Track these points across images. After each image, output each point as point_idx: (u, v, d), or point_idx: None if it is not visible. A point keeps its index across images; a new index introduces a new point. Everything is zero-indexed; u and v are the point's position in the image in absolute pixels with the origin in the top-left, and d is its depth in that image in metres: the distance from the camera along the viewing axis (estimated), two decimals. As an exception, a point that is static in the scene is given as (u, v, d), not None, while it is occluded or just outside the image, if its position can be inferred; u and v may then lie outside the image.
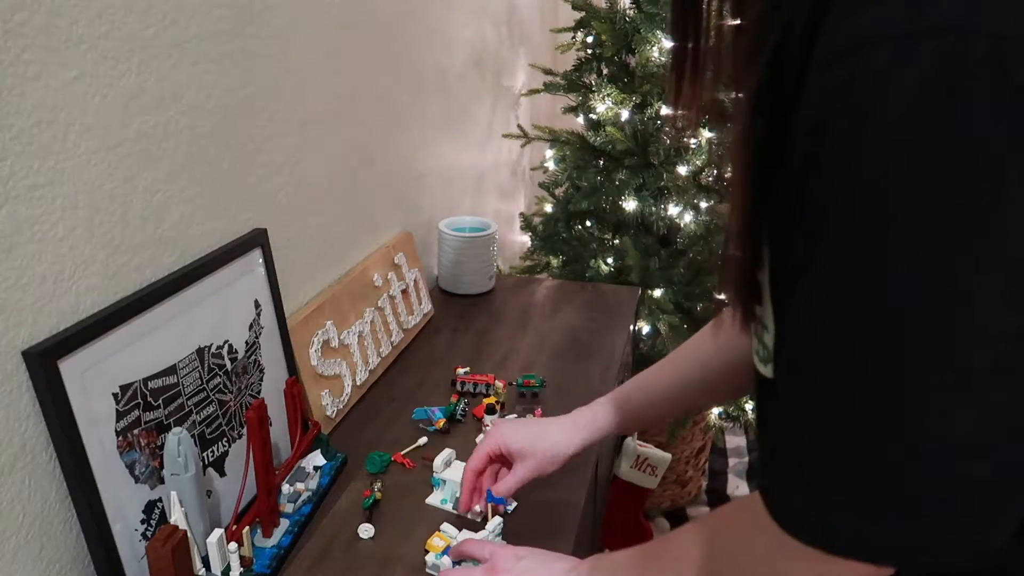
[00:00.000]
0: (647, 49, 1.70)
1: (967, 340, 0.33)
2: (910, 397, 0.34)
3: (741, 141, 0.43)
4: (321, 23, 1.08)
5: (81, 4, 0.68)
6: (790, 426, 0.40)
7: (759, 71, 0.40)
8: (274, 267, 0.98)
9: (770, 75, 0.39)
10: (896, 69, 0.32)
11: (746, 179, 0.44)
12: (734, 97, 0.46)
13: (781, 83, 0.38)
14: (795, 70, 0.37)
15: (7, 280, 0.64)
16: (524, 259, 2.11)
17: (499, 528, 0.84)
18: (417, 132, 1.50)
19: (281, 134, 1.01)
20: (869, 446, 0.36)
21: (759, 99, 0.41)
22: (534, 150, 2.35)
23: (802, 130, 0.36)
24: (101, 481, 0.70)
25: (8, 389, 0.65)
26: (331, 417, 1.07)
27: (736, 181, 0.45)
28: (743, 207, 0.45)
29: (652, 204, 1.74)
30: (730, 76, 0.47)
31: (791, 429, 0.40)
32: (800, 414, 0.39)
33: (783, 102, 0.38)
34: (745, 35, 0.44)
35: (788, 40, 0.38)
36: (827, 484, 0.37)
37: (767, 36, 0.39)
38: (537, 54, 2.45)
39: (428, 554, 0.81)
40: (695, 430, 1.99)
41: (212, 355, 0.86)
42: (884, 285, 0.34)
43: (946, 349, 0.33)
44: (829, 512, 0.37)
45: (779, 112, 0.39)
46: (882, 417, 0.35)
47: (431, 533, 0.85)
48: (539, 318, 1.43)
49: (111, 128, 0.73)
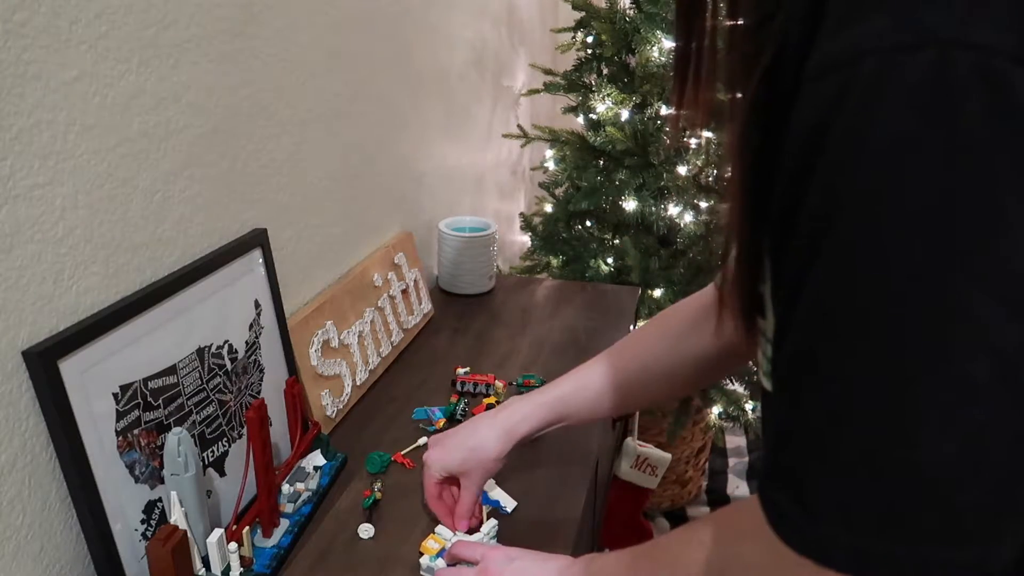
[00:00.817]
0: (647, 49, 1.70)
1: (968, 353, 0.33)
2: (910, 412, 0.34)
3: (737, 153, 0.43)
4: (321, 23, 1.08)
5: (81, 4, 0.68)
6: (789, 437, 0.40)
7: (754, 85, 0.40)
8: (274, 267, 0.98)
9: (766, 88, 0.39)
10: (887, 81, 0.32)
11: (744, 191, 0.44)
12: (729, 107, 0.45)
13: (776, 97, 0.38)
14: (789, 84, 0.37)
15: (7, 280, 0.64)
16: (524, 259, 2.11)
17: (494, 530, 0.84)
18: (417, 132, 1.50)
19: (281, 134, 1.01)
20: (868, 461, 0.35)
21: (754, 112, 0.41)
22: (534, 150, 2.35)
23: (796, 143, 0.36)
24: (101, 481, 0.70)
25: (8, 389, 0.65)
26: (331, 417, 1.07)
27: (734, 194, 0.44)
28: (742, 220, 0.44)
29: (652, 204, 1.74)
30: (727, 83, 0.46)
31: (790, 440, 0.39)
32: (798, 426, 0.39)
33: (779, 115, 0.38)
34: (738, 48, 0.44)
35: (783, 53, 0.38)
36: (826, 498, 0.37)
37: (762, 49, 0.39)
38: (537, 54, 2.46)
39: (423, 556, 0.81)
40: (695, 430, 1.99)
41: (212, 355, 0.86)
42: (882, 297, 0.34)
43: (947, 362, 0.33)
44: (826, 525, 0.37)
45: (775, 124, 0.39)
46: (881, 431, 0.35)
47: (431, 533, 0.85)
48: (539, 318, 1.43)
49: (111, 128, 0.73)
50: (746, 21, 0.42)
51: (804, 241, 0.37)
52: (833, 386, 0.36)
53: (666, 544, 0.58)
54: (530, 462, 1.00)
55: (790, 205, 0.37)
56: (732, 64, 0.45)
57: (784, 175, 0.38)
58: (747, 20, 0.42)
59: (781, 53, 0.38)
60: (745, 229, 0.45)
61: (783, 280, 0.41)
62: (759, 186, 0.42)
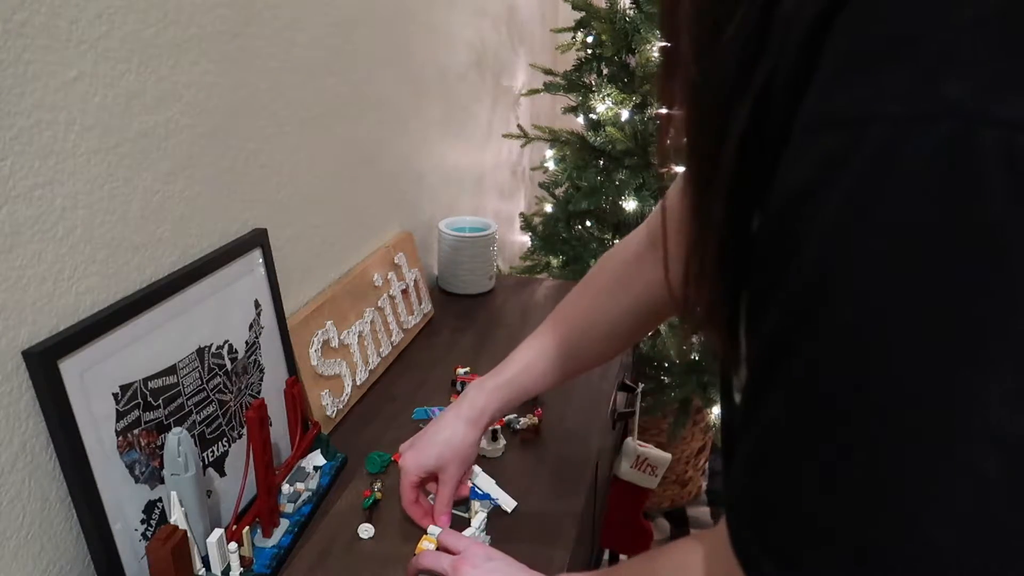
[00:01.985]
0: (647, 49, 1.70)
1: (975, 449, 0.30)
2: (910, 506, 0.31)
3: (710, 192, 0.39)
4: (321, 23, 1.08)
5: (81, 4, 0.68)
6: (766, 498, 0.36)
7: (738, 125, 0.36)
8: (274, 267, 0.98)
9: (751, 124, 0.36)
10: (898, 153, 0.28)
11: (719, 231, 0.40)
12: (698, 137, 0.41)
13: (760, 137, 0.35)
14: (778, 125, 0.34)
15: (7, 280, 0.64)
16: (524, 259, 2.11)
17: (483, 524, 0.85)
18: (417, 132, 1.50)
19: (281, 134, 1.01)
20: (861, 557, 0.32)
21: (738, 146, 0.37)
22: (534, 150, 2.35)
23: (781, 194, 0.33)
24: (101, 481, 0.70)
25: (8, 389, 0.65)
26: (331, 417, 1.07)
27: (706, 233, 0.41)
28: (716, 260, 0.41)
29: (652, 204, 1.74)
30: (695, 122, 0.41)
31: (771, 504, 0.36)
32: (782, 497, 0.35)
33: (762, 156, 0.35)
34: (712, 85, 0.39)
35: (770, 93, 0.35)
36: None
37: (743, 89, 0.36)
38: (537, 54, 2.46)
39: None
40: (695, 430, 1.99)
41: (212, 355, 0.86)
42: (881, 384, 0.30)
43: (950, 459, 0.30)
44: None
45: (756, 164, 0.35)
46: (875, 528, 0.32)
47: (424, 534, 0.85)
48: (539, 318, 1.42)
49: (111, 128, 0.73)
50: (722, 66, 0.38)
51: (782, 304, 0.33)
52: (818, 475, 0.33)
53: (626, 570, 0.59)
54: (530, 462, 1.00)
55: (766, 256, 0.35)
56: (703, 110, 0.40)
57: (764, 238, 0.35)
58: (723, 64, 0.37)
59: (764, 100, 0.35)
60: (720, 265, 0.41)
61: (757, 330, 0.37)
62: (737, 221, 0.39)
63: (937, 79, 0.28)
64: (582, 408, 1.13)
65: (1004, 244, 0.28)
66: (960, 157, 0.28)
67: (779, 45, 0.34)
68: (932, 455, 0.30)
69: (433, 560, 0.73)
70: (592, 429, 1.08)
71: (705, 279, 0.42)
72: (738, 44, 0.36)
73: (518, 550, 0.74)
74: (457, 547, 0.75)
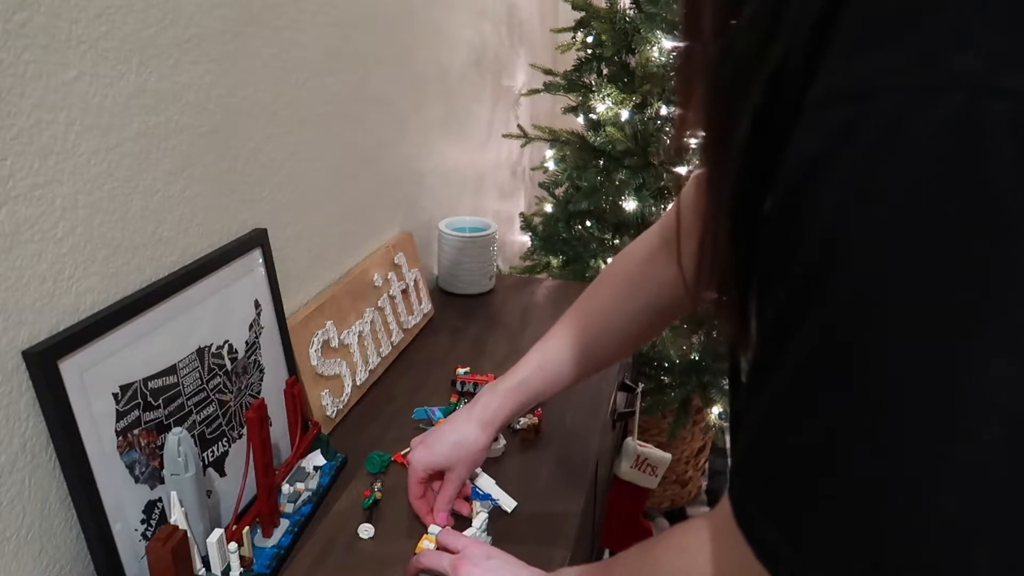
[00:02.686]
0: (647, 49, 1.70)
1: (979, 424, 0.30)
2: (910, 477, 0.31)
3: (725, 168, 0.40)
4: (321, 23, 1.08)
5: (81, 4, 0.68)
6: (771, 467, 0.37)
7: (752, 100, 0.37)
8: (274, 267, 0.98)
9: (764, 104, 0.36)
10: (907, 123, 0.29)
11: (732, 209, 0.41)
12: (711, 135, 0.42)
13: (773, 115, 0.36)
14: (790, 103, 0.34)
15: (7, 280, 0.64)
16: (524, 259, 2.11)
17: (485, 524, 0.85)
18: (417, 132, 1.50)
19: (281, 134, 1.01)
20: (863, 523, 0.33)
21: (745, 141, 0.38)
22: (534, 150, 2.35)
23: (791, 167, 0.34)
24: (101, 481, 0.70)
25: (8, 389, 0.65)
26: (331, 417, 1.07)
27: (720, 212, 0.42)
28: (729, 239, 0.42)
29: (652, 204, 1.74)
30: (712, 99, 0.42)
31: (774, 474, 0.37)
32: (786, 468, 0.36)
33: (775, 134, 0.35)
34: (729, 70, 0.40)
35: (784, 70, 0.35)
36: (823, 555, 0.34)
37: (756, 72, 0.36)
38: (537, 54, 2.46)
39: None
40: (695, 430, 1.99)
41: (212, 355, 0.86)
42: (885, 353, 0.31)
43: (951, 433, 0.30)
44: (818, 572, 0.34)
45: (769, 142, 0.36)
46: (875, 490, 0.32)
47: (424, 534, 0.85)
48: (539, 318, 1.43)
49: (111, 128, 0.73)
50: (740, 41, 0.39)
51: (790, 275, 0.34)
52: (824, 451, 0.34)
53: (622, 561, 0.59)
54: (530, 462, 1.00)
55: (777, 230, 0.35)
56: (720, 84, 0.41)
57: (773, 216, 0.36)
58: (741, 39, 0.38)
59: (779, 77, 0.35)
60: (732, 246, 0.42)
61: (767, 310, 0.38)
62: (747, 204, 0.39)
63: (946, 52, 0.29)
64: (582, 408, 1.13)
65: (1009, 211, 0.28)
66: (968, 127, 0.28)
67: (793, 23, 0.35)
68: (933, 419, 0.31)
69: (433, 559, 0.74)
70: (592, 429, 1.08)
71: (718, 260, 0.43)
72: (755, 22, 0.37)
73: (518, 550, 0.74)
74: (457, 546, 0.75)
